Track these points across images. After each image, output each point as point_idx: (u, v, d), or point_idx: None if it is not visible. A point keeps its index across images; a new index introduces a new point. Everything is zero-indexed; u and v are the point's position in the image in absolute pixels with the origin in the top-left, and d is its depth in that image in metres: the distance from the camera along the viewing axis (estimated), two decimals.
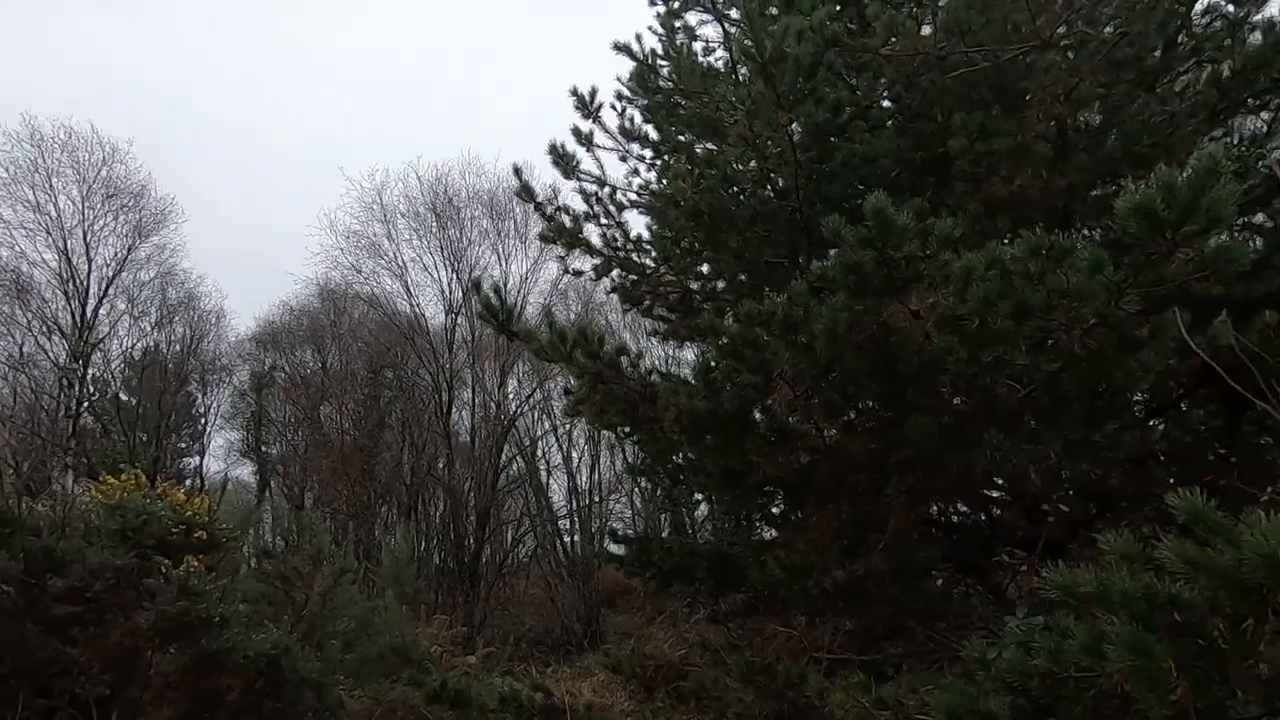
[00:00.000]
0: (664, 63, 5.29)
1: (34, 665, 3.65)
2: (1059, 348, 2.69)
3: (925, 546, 3.93)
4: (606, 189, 5.35)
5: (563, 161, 5.20)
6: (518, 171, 5.36)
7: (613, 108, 5.45)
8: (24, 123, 13.77)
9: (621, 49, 5.17)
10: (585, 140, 5.31)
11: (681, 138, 5.12)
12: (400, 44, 31.53)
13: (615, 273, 5.38)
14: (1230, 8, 3.87)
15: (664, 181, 4.94)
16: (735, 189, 4.34)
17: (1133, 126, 3.73)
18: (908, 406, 3.28)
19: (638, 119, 5.50)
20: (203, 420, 17.66)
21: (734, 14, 4.93)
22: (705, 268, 5.34)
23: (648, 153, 5.52)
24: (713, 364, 3.61)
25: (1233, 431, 3.69)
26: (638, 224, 5.67)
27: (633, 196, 5.41)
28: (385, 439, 14.86)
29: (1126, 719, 1.81)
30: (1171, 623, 1.63)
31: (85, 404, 14.51)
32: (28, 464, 11.96)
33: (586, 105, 5.27)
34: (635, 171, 5.53)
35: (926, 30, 3.87)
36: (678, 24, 5.34)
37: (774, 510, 5.35)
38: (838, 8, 4.28)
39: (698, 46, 5.35)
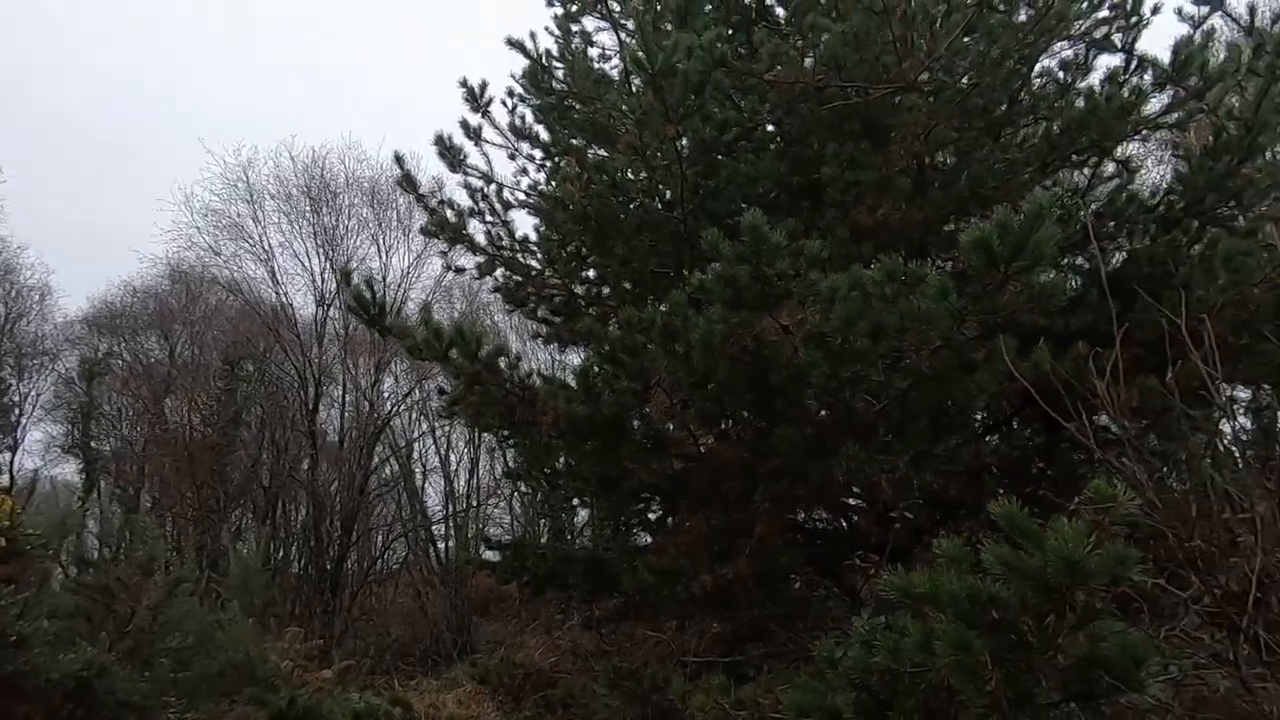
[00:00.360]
0: (559, 65, 5.26)
1: None
2: (909, 366, 2.91)
3: (788, 551, 4.13)
4: (493, 186, 5.24)
5: (449, 154, 5.04)
6: (399, 160, 5.13)
7: (504, 104, 5.35)
8: None
9: (515, 45, 5.09)
10: (474, 134, 5.17)
11: (574, 141, 5.10)
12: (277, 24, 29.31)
13: (500, 272, 5.27)
14: (1060, 74, 4.39)
15: (553, 183, 4.90)
16: (624, 197, 4.39)
17: (979, 170, 4.13)
18: (777, 417, 3.43)
19: (529, 118, 5.43)
20: (17, 411, 15.48)
21: (629, 24, 4.99)
22: (591, 273, 5.35)
23: (538, 153, 5.46)
24: (593, 369, 3.61)
25: (1050, 448, 4.15)
26: (525, 224, 5.58)
27: (520, 196, 5.33)
28: (241, 437, 13.68)
29: (951, 710, 1.98)
30: (989, 620, 1.79)
31: None
32: None
33: (476, 99, 5.14)
34: (524, 171, 5.46)
35: (809, 62, 4.10)
36: (574, 27, 5.34)
37: (650, 516, 5.43)
38: (729, 31, 4.45)
39: (593, 52, 5.37)
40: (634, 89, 4.34)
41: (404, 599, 13.13)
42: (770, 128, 4.72)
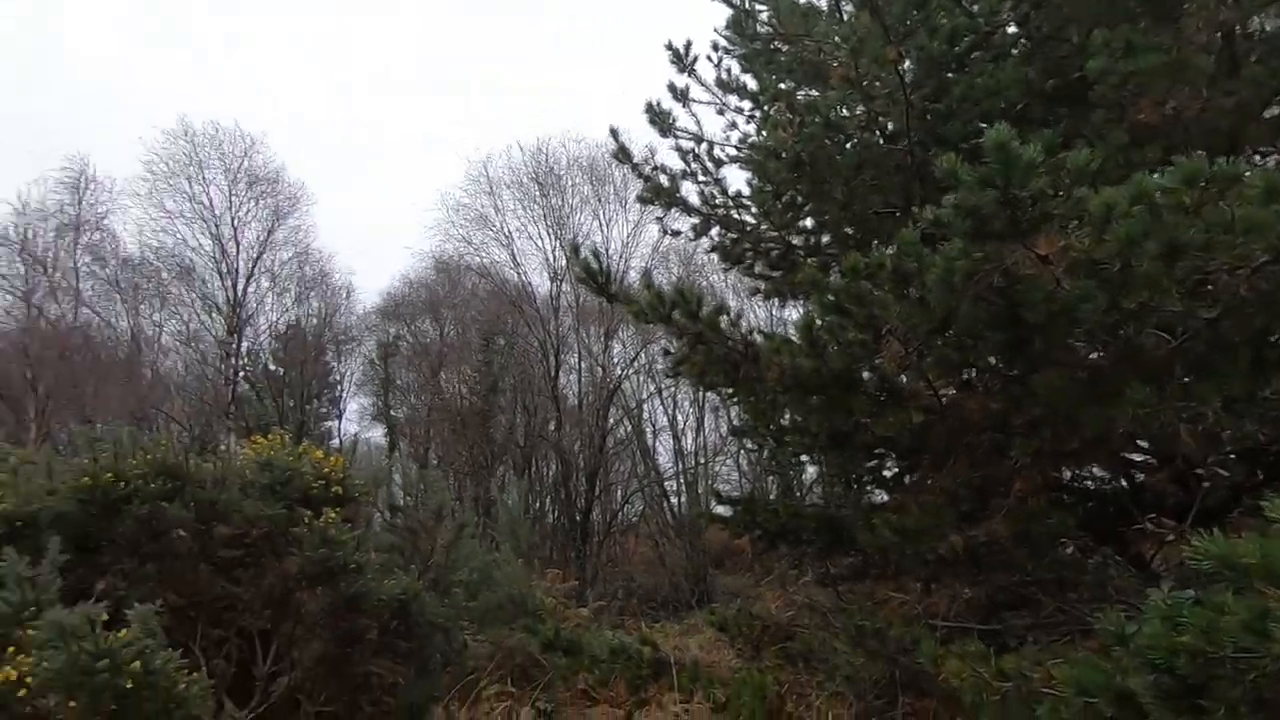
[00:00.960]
0: (762, 6, 5.04)
1: (207, 600, 4.15)
2: (1220, 291, 2.36)
3: (1055, 512, 3.65)
4: (704, 145, 5.22)
5: (659, 120, 5.12)
6: (614, 133, 5.33)
7: (709, 59, 5.28)
8: (179, 121, 15.28)
9: None
10: (681, 96, 5.19)
11: (781, 85, 4.89)
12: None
13: (714, 231, 5.27)
14: None
15: (763, 133, 4.75)
16: (839, 136, 4.11)
17: None
18: (1034, 361, 3.02)
19: (735, 69, 5.30)
20: (339, 386, 19.26)
21: None
22: (808, 221, 5.13)
23: (746, 104, 5.32)
24: (817, 321, 3.47)
25: None
26: (737, 180, 5.51)
27: (731, 151, 5.25)
28: (499, 403, 15.59)
29: None
30: None
31: (241, 373, 16.17)
32: (198, 427, 13.54)
33: (681, 59, 5.14)
34: (733, 125, 5.36)
35: None
36: None
37: (884, 473, 5.16)
38: None
39: None
40: (844, 16, 4.02)
41: (644, 549, 14.12)
42: (1012, 29, 4.07)
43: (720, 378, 4.14)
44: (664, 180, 5.16)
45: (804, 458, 8.21)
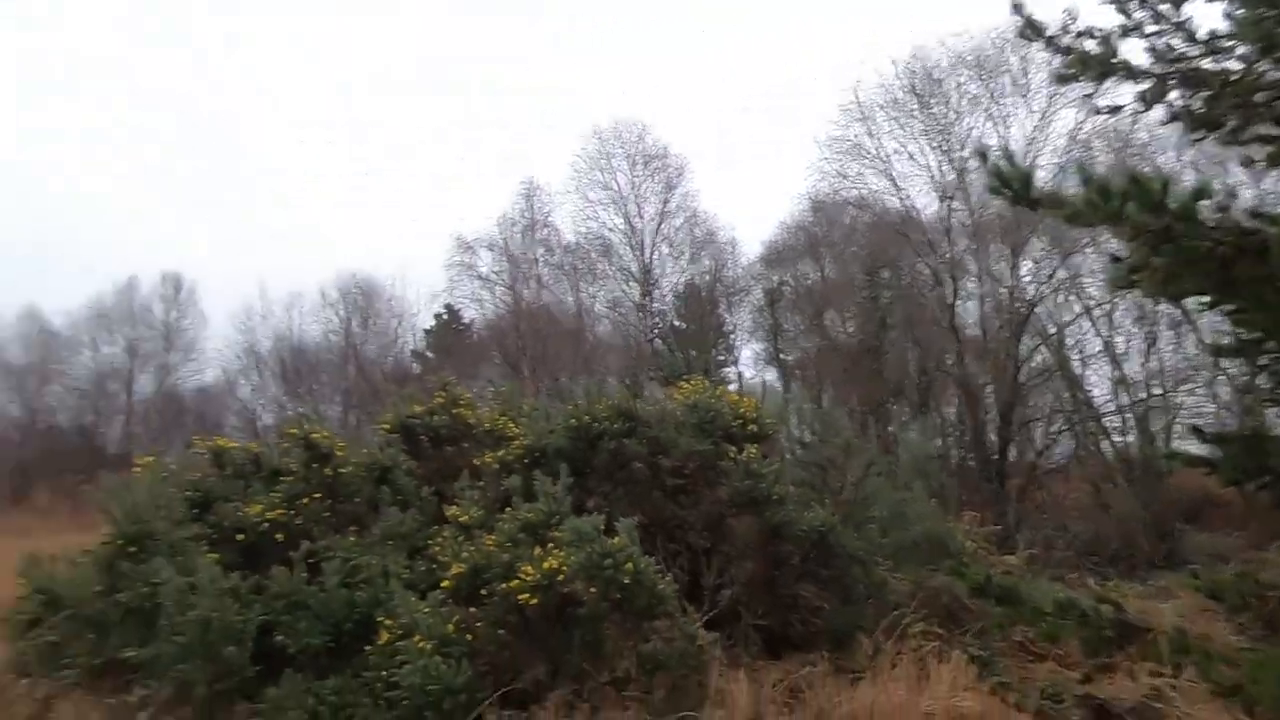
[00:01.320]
0: None
1: (661, 520, 5.00)
2: None
3: None
4: None
5: None
6: (1017, 6, 4.47)
7: None
8: (591, 125, 18.25)
9: None
10: None
11: None
12: None
13: (1174, 95, 4.07)
14: None
15: None
16: None
17: None
18: None
19: None
20: (732, 335, 20.92)
21: None
22: None
23: None
24: None
25: None
26: (1208, 16, 4.12)
27: None
28: (889, 339, 14.97)
29: None
30: None
31: (654, 331, 18.78)
32: (628, 378, 16.26)
33: None
34: None
35: None
36: None
37: None
38: None
39: None
40: None
41: (1078, 494, 12.12)
42: None
43: (1198, 283, 3.22)
44: (1092, 46, 4.15)
45: None
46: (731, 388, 17.96)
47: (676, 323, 20.00)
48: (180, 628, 3.57)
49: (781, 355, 19.19)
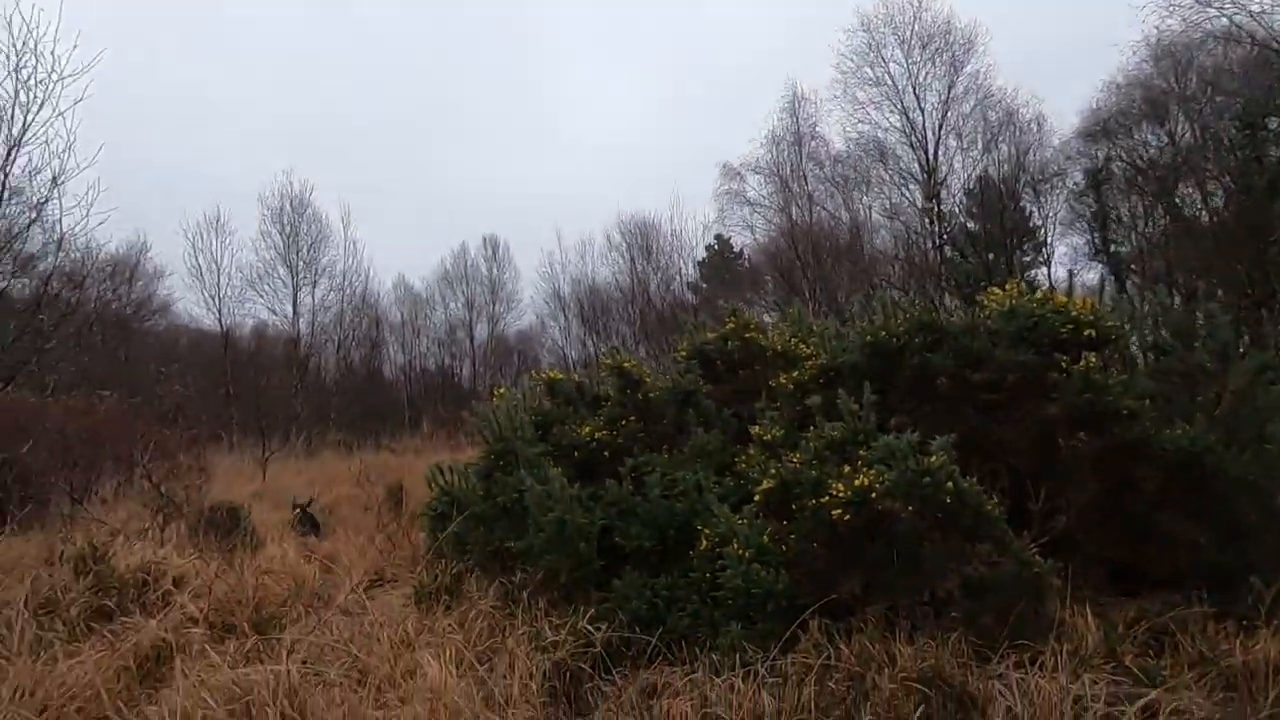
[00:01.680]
0: None
1: (975, 438, 4.59)
2: None
3: None
4: None
5: None
6: None
7: None
8: (856, 14, 16.59)
9: None
10: None
11: None
12: None
13: None
14: None
15: None
16: None
17: None
18: None
19: None
20: (1041, 231, 17.91)
21: None
22: None
23: None
24: None
25: None
26: None
27: None
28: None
29: None
30: None
31: (943, 236, 16.94)
32: (913, 290, 14.99)
33: None
34: None
35: None
36: None
37: None
38: None
39: None
40: None
41: None
42: None
43: None
44: None
45: None
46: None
47: (969, 224, 17.76)
48: (543, 526, 4.33)
49: (1113, 247, 15.96)
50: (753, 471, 4.17)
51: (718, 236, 25.57)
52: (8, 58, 4.38)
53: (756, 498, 3.83)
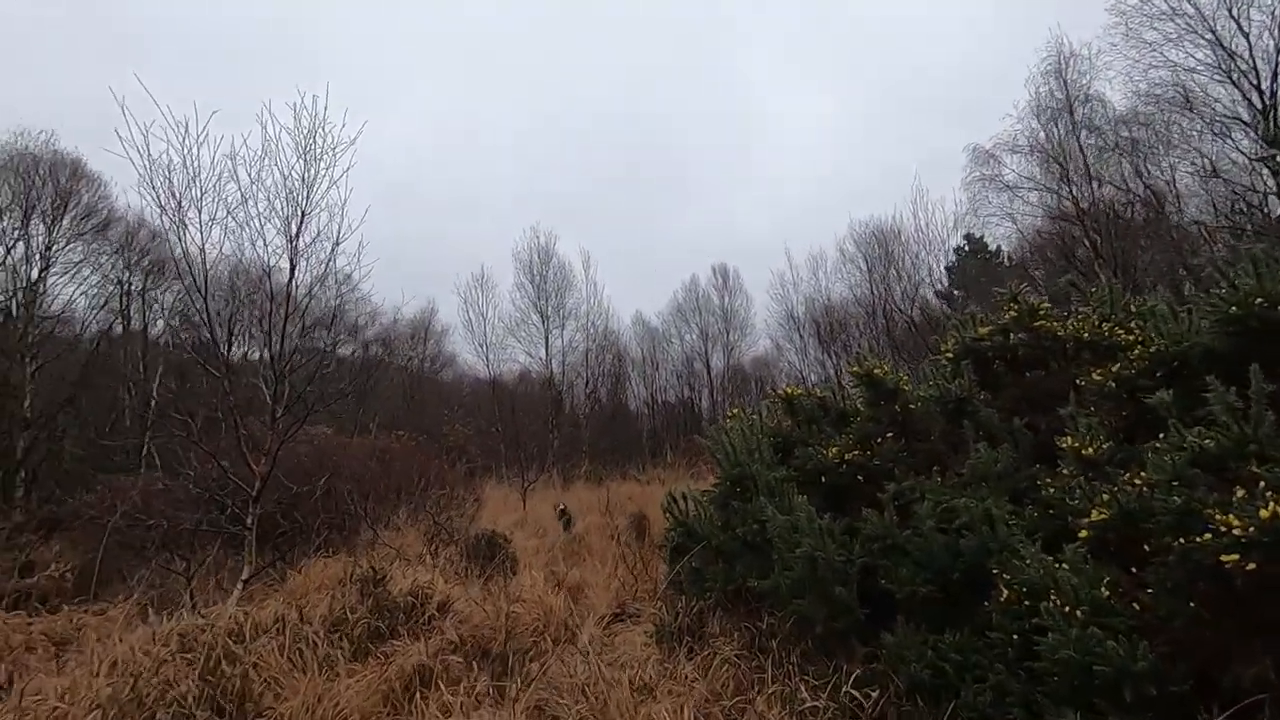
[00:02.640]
0: None
1: None
2: None
3: None
4: None
5: None
6: None
7: None
8: None
9: None
10: None
11: None
12: None
13: None
14: None
15: None
16: None
17: None
18: None
19: None
20: None
21: None
22: None
23: None
24: None
25: None
26: None
27: None
28: None
29: None
30: None
31: None
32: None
33: None
34: None
35: None
36: None
37: None
38: None
39: None
40: None
41: None
42: None
43: None
44: None
45: None
46: None
47: None
48: (789, 563, 3.70)
49: None
50: (1068, 498, 3.12)
51: (968, 236, 22.75)
52: (296, 140, 5.05)
53: (1082, 534, 2.81)
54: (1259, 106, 12.41)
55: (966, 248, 24.09)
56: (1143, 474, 2.75)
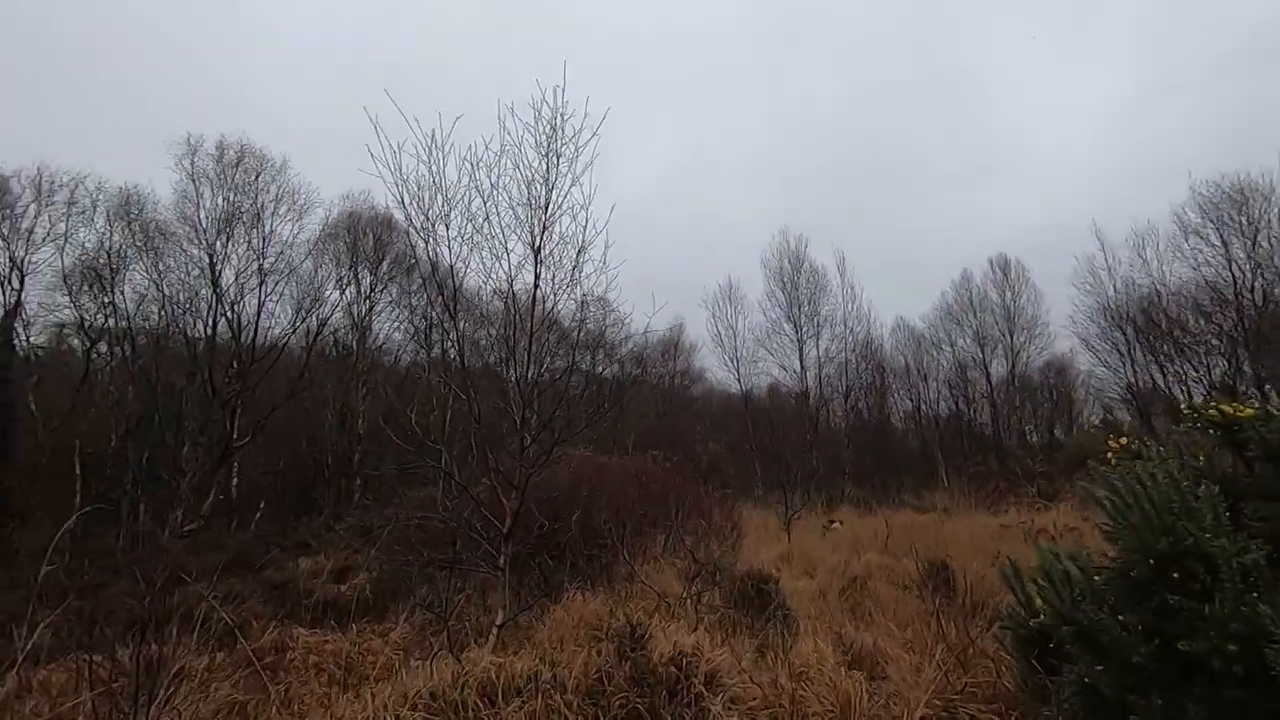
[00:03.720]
0: None
1: None
2: None
3: None
4: None
5: None
6: None
7: None
8: None
9: None
10: None
11: None
12: None
13: None
14: None
15: None
16: None
17: None
18: None
19: None
20: None
21: None
22: None
23: None
24: None
25: None
26: None
27: None
28: None
29: None
30: None
31: None
32: None
33: None
34: None
35: None
36: None
37: None
38: None
39: None
40: None
41: None
42: None
43: None
44: None
45: None
46: None
47: None
48: None
49: None
50: None
51: None
52: (536, 137, 4.55)
53: None
54: None
55: None
56: None
